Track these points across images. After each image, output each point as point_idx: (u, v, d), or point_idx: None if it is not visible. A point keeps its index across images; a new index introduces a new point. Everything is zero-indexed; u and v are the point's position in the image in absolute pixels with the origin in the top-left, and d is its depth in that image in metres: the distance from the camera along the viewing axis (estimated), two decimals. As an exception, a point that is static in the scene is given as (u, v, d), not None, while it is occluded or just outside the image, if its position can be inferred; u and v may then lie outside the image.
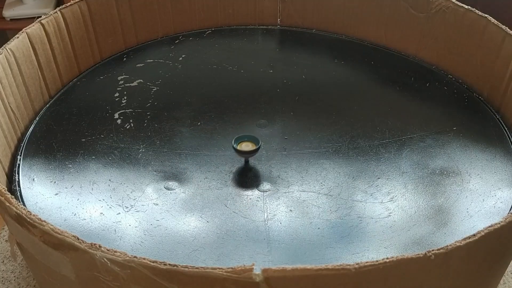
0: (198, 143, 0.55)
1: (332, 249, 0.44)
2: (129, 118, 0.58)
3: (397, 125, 0.58)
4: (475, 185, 0.50)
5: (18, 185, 0.49)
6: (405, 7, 0.68)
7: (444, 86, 0.64)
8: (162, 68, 0.67)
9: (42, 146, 0.54)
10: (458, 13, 0.63)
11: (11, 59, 0.54)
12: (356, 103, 0.61)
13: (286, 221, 0.46)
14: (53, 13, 0.61)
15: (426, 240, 0.45)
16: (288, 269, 0.30)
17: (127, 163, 0.52)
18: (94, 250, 0.32)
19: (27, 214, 0.35)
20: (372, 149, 0.55)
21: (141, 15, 0.71)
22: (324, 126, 0.58)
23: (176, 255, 0.43)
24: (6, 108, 0.53)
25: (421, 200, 0.49)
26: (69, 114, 0.59)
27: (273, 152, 0.54)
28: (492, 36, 0.60)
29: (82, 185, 0.49)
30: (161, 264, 0.31)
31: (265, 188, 0.50)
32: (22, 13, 1.38)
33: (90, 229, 0.45)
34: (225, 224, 0.46)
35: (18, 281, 0.52)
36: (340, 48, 0.72)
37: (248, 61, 0.69)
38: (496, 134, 0.56)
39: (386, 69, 0.67)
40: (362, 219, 0.47)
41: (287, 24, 0.76)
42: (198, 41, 0.73)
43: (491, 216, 0.47)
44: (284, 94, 0.63)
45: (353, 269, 0.30)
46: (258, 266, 0.30)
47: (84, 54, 0.66)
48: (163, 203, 0.48)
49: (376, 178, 0.51)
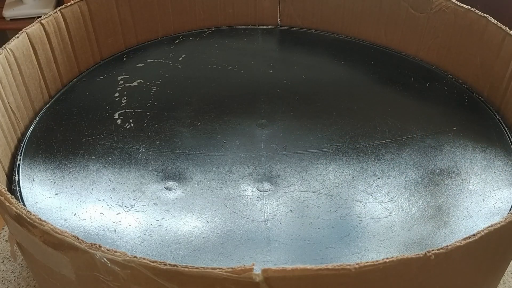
0: (198, 143, 0.55)
1: (332, 249, 0.44)
2: (129, 118, 0.58)
3: (397, 125, 0.58)
4: (475, 185, 0.50)
5: (18, 185, 0.49)
6: (405, 7, 0.68)
7: (444, 86, 0.64)
8: (162, 68, 0.67)
9: (42, 146, 0.54)
10: (458, 13, 0.63)
11: (11, 59, 0.54)
12: (356, 103, 0.61)
13: (286, 221, 0.46)
14: (53, 13, 0.61)
15: (426, 240, 0.45)
16: (288, 269, 0.30)
17: (127, 163, 0.52)
18: (94, 250, 0.32)
19: (27, 214, 0.35)
20: (372, 149, 0.55)
21: (141, 15, 0.71)
22: (324, 126, 0.58)
23: (176, 255, 0.43)
24: (6, 108, 0.53)
25: (421, 200, 0.49)
26: (69, 114, 0.59)
27: (273, 152, 0.54)
28: (492, 36, 0.60)
29: (82, 185, 0.49)
30: (161, 264, 0.31)
31: (265, 188, 0.50)
32: (22, 13, 1.38)
33: (90, 229, 0.45)
34: (225, 224, 0.46)
35: (18, 281, 0.52)
36: (340, 48, 0.72)
37: (248, 61, 0.69)
38: (496, 134, 0.56)
39: (386, 69, 0.67)
40: (362, 219, 0.47)
41: (287, 24, 0.76)
42: (198, 41, 0.73)
43: (491, 216, 0.47)
44: (284, 94, 0.63)
45: (353, 269, 0.30)
46: (258, 266, 0.30)
47: (84, 54, 0.66)
48: (163, 203, 0.48)
49: (376, 178, 0.51)
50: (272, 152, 0.54)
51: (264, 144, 0.55)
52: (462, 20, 0.63)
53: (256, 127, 0.58)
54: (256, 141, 0.56)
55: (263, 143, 0.55)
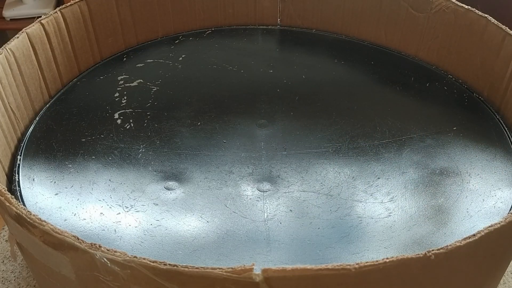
0: (198, 143, 0.55)
1: (332, 249, 0.44)
2: (129, 118, 0.58)
3: (397, 125, 0.58)
4: (475, 185, 0.50)
5: (18, 185, 0.49)
6: (405, 7, 0.68)
7: (444, 86, 0.64)
8: (162, 68, 0.67)
9: (42, 146, 0.54)
10: (458, 13, 0.63)
11: (11, 59, 0.54)
12: (356, 103, 0.61)
13: (286, 221, 0.46)
14: (53, 13, 0.61)
15: (426, 240, 0.45)
16: (288, 269, 0.30)
17: (127, 163, 0.52)
18: (94, 250, 0.32)
19: (27, 214, 0.35)
20: (372, 149, 0.55)
21: (141, 15, 0.71)
22: (324, 126, 0.58)
23: (176, 255, 0.43)
24: (6, 108, 0.53)
25: (421, 200, 0.49)
26: (69, 114, 0.59)
27: (273, 152, 0.54)
28: (492, 36, 0.60)
29: (82, 185, 0.49)
30: (161, 264, 0.31)
31: (265, 188, 0.50)
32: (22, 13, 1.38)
33: (90, 229, 0.45)
34: (225, 224, 0.46)
35: (18, 281, 0.52)
36: (340, 48, 0.72)
37: (248, 61, 0.69)
38: (496, 134, 0.56)
39: (386, 69, 0.67)
40: (362, 219, 0.47)
41: (287, 24, 0.76)
42: (198, 41, 0.73)
43: (491, 216, 0.47)
44: (284, 94, 0.63)
45: (353, 269, 0.30)
46: (258, 266, 0.30)
47: (84, 54, 0.66)
48: (163, 203, 0.48)
49: (376, 178, 0.51)
50: (272, 152, 0.54)
51: (264, 144, 0.55)
52: (462, 20, 0.63)
53: (256, 127, 0.58)
54: (256, 141, 0.56)
55: (263, 143, 0.55)
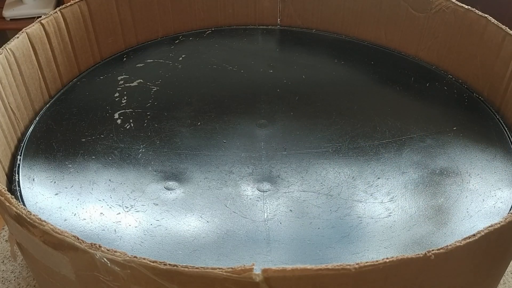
0: (198, 143, 0.55)
1: (332, 249, 0.44)
2: (129, 118, 0.58)
3: (397, 125, 0.58)
4: (475, 185, 0.50)
5: (18, 185, 0.49)
6: (405, 7, 0.68)
7: (444, 86, 0.64)
8: (162, 68, 0.67)
9: (42, 146, 0.54)
10: (458, 13, 0.63)
11: (11, 59, 0.54)
12: (356, 103, 0.61)
13: (286, 221, 0.46)
14: (53, 13, 0.61)
15: (426, 240, 0.45)
16: (288, 269, 0.30)
17: (127, 163, 0.52)
18: (94, 250, 0.32)
19: (27, 214, 0.35)
20: (372, 149, 0.55)
21: (141, 15, 0.71)
22: (324, 126, 0.58)
23: (176, 255, 0.43)
24: (6, 108, 0.53)
25: (421, 200, 0.49)
26: (69, 114, 0.59)
27: (273, 152, 0.54)
28: (492, 36, 0.60)
29: (82, 185, 0.49)
30: (161, 264, 0.31)
31: (265, 188, 0.50)
32: (22, 13, 1.38)
33: (90, 229, 0.45)
34: (225, 224, 0.46)
35: (18, 281, 0.52)
36: (340, 48, 0.72)
37: (248, 61, 0.69)
38: (496, 134, 0.56)
39: (386, 69, 0.67)
40: (362, 219, 0.47)
41: (287, 24, 0.76)
42: (198, 41, 0.73)
43: (491, 216, 0.47)
44: (284, 94, 0.63)
45: (353, 269, 0.30)
46: (258, 266, 0.30)
47: (84, 54, 0.66)
48: (163, 203, 0.48)
49: (376, 178, 0.51)
50: (272, 152, 0.54)
51: (264, 144, 0.55)
52: (462, 20, 0.63)
53: (256, 127, 0.58)
54: (256, 141, 0.56)
55: (263, 143, 0.55)
